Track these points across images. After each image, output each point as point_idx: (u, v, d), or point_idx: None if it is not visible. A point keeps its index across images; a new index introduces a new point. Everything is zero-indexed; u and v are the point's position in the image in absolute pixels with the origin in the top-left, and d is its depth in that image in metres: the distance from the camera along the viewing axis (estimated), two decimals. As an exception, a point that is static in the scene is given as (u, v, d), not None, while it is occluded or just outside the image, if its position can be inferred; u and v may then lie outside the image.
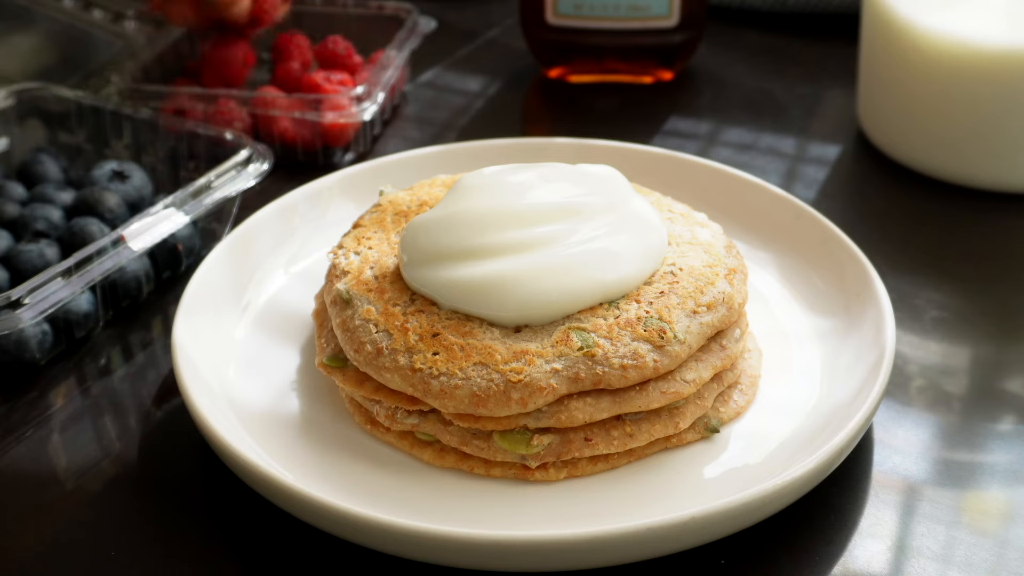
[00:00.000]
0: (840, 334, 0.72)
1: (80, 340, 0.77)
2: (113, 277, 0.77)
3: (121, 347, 0.77)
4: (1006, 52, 0.85)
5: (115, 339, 0.78)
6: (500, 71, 1.10)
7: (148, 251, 0.78)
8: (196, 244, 0.83)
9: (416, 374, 0.63)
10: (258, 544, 0.63)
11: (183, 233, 0.81)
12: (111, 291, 0.78)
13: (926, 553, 0.62)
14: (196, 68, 1.01)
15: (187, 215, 0.78)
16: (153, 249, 0.79)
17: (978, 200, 0.90)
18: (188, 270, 0.82)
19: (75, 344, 0.77)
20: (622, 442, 0.64)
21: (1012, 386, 0.74)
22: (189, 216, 0.78)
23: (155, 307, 0.80)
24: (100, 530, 0.64)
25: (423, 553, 0.59)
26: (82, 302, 0.75)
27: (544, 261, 0.64)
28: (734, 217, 0.81)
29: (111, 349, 0.77)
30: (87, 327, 0.76)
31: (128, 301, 0.79)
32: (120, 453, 0.69)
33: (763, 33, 1.15)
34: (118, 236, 0.75)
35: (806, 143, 0.99)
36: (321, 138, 0.94)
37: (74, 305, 0.75)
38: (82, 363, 0.76)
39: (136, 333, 0.78)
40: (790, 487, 0.60)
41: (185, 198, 0.79)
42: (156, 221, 0.77)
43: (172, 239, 0.80)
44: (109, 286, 0.77)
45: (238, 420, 0.67)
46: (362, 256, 0.70)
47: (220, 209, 0.83)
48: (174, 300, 0.73)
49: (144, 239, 0.76)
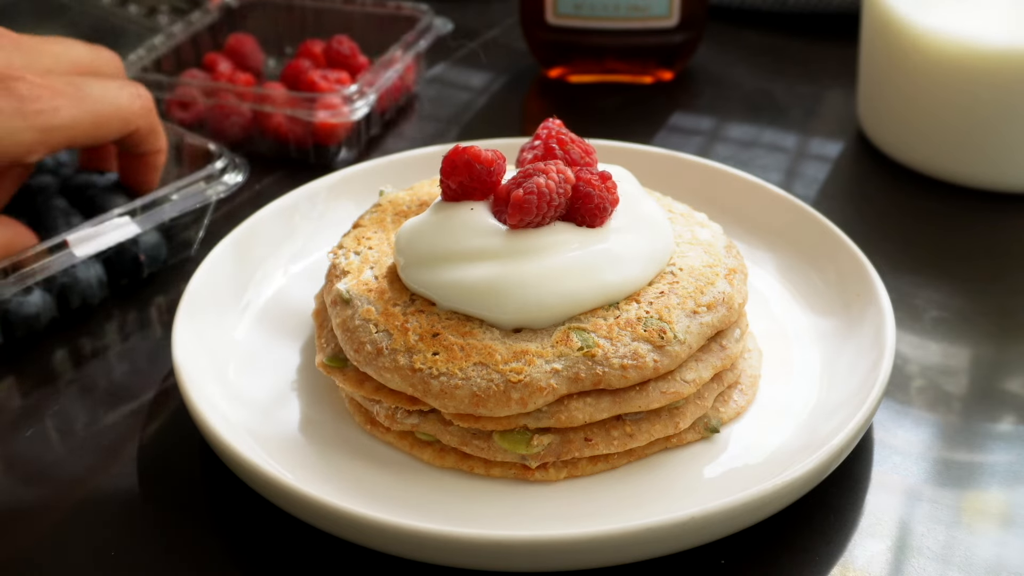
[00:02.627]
0: (840, 334, 0.72)
1: (80, 340, 0.77)
2: (63, 281, 0.77)
3: (121, 347, 0.77)
4: (1006, 52, 0.85)
5: (115, 338, 0.78)
6: (500, 71, 1.10)
7: (103, 257, 0.78)
8: (162, 253, 0.82)
9: (416, 374, 0.63)
10: (258, 544, 0.63)
11: (148, 241, 0.81)
12: (60, 295, 0.77)
13: (926, 553, 0.62)
14: (213, 61, 1.01)
15: (139, 226, 0.77)
16: (110, 256, 0.78)
17: (978, 200, 0.90)
18: (156, 277, 0.82)
19: (75, 344, 0.77)
20: (622, 442, 0.64)
21: (1012, 386, 0.74)
22: (141, 227, 0.77)
23: (155, 307, 0.80)
24: (100, 530, 0.64)
25: (423, 553, 0.59)
26: (32, 303, 0.75)
27: (545, 263, 0.64)
28: (734, 217, 0.81)
29: (111, 349, 0.77)
30: (36, 327, 0.76)
31: (79, 303, 0.78)
32: (120, 453, 0.69)
33: (763, 33, 1.15)
34: (62, 240, 0.74)
35: (806, 143, 0.99)
36: (312, 136, 0.95)
37: (24, 305, 0.75)
38: (82, 362, 0.76)
39: (136, 333, 0.78)
40: (790, 487, 0.60)
41: (145, 206, 0.78)
42: (105, 229, 0.76)
43: (135, 248, 0.80)
44: (58, 289, 0.77)
45: (238, 420, 0.67)
46: (362, 256, 0.70)
47: (190, 218, 0.82)
48: (175, 300, 0.73)
49: (88, 246, 0.75)
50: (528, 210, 0.64)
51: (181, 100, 0.96)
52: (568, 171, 0.65)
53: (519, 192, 0.63)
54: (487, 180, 0.66)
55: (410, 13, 1.04)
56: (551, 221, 0.65)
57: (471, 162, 0.65)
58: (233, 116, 0.95)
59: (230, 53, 1.03)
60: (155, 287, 0.82)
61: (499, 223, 0.65)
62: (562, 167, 0.65)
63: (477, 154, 0.66)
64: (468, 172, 0.66)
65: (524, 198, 0.64)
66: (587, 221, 0.66)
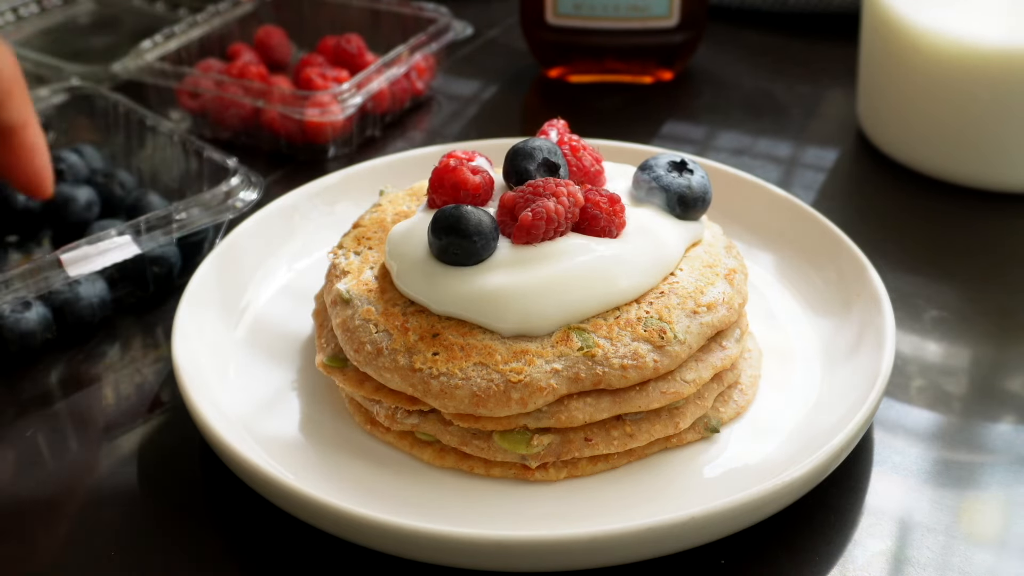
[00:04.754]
0: (840, 334, 0.72)
1: (81, 339, 0.77)
2: (66, 296, 0.75)
3: (121, 346, 0.77)
4: (1006, 52, 0.85)
5: (116, 338, 0.78)
6: (500, 71, 1.10)
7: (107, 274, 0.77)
8: (176, 263, 0.80)
9: (416, 374, 0.63)
10: (258, 544, 0.63)
11: (167, 256, 0.79)
12: (59, 311, 0.76)
13: (926, 553, 0.62)
14: (237, 52, 1.02)
15: (142, 246, 0.76)
16: (116, 272, 0.77)
17: (978, 200, 0.90)
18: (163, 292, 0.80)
19: (76, 342, 0.77)
20: (622, 442, 0.64)
21: (1012, 386, 0.74)
22: (143, 247, 0.76)
23: (156, 307, 0.80)
24: (100, 530, 0.64)
25: (423, 553, 0.59)
26: (31, 319, 0.74)
27: (547, 273, 0.63)
28: (734, 217, 0.81)
29: (111, 348, 0.77)
30: (33, 343, 0.75)
31: (74, 320, 0.76)
32: (120, 453, 0.69)
33: (763, 33, 1.15)
34: (56, 259, 0.73)
35: (806, 144, 0.99)
36: (303, 133, 0.95)
37: (22, 321, 0.74)
38: (82, 361, 0.76)
39: (136, 332, 0.78)
40: (790, 487, 0.60)
41: (151, 227, 0.76)
42: (103, 248, 0.74)
43: (143, 262, 0.78)
44: (59, 305, 0.75)
45: (238, 420, 0.67)
46: (362, 256, 0.70)
47: (201, 236, 0.81)
48: (175, 300, 0.73)
49: (83, 266, 0.74)
50: (535, 235, 0.64)
51: (190, 90, 0.96)
52: (579, 193, 0.65)
53: (528, 215, 0.63)
54: (472, 204, 0.65)
55: (430, 15, 1.04)
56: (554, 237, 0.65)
57: (458, 186, 0.66)
58: (233, 108, 0.96)
59: (258, 45, 1.04)
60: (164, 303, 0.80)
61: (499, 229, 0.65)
62: (573, 189, 0.65)
63: (465, 180, 0.65)
64: (454, 196, 0.66)
65: (533, 223, 0.63)
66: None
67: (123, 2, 1.15)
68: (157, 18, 1.12)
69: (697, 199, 0.69)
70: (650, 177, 0.69)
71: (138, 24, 1.12)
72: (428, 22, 1.03)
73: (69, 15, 1.14)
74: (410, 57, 0.99)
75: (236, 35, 1.05)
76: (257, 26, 1.06)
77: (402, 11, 1.06)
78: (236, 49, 1.03)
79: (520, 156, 0.67)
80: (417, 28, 1.03)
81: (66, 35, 1.11)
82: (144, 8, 1.14)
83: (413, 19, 1.05)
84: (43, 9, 1.12)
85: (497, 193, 0.67)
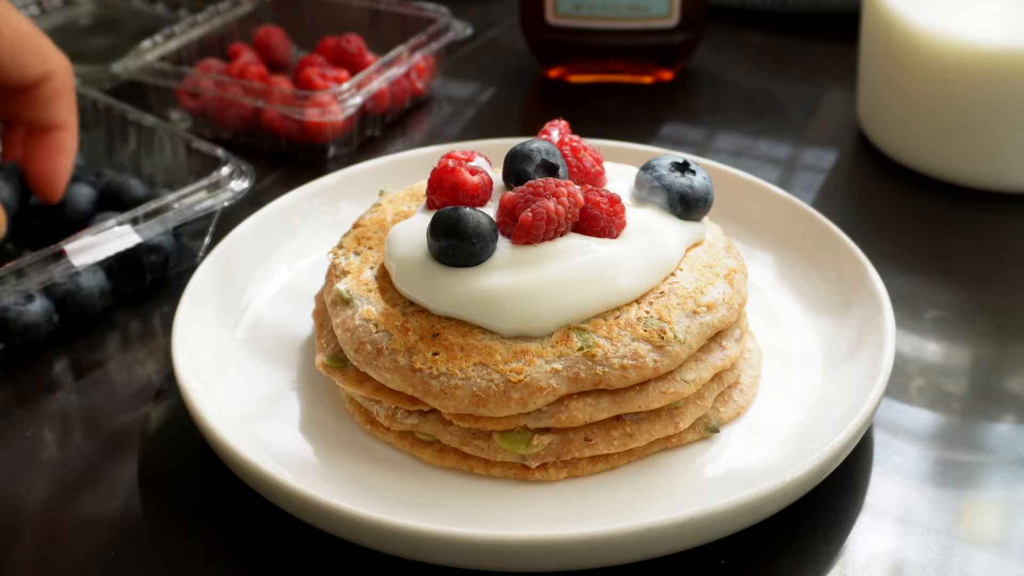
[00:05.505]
0: (840, 334, 0.72)
1: (82, 329, 0.77)
2: (67, 287, 0.76)
3: (121, 346, 0.77)
4: (1006, 52, 0.85)
5: (115, 338, 0.78)
6: (500, 71, 1.10)
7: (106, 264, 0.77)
8: (172, 259, 0.81)
9: (416, 374, 0.63)
10: (258, 544, 0.63)
11: (163, 245, 0.80)
12: (60, 302, 0.76)
13: (926, 553, 0.62)
14: (237, 52, 1.02)
15: (141, 235, 0.76)
16: (114, 263, 0.78)
17: (978, 200, 0.90)
18: (160, 284, 0.81)
19: (77, 333, 0.77)
20: (622, 442, 0.64)
21: (1012, 386, 0.74)
22: (143, 236, 0.76)
23: (156, 307, 0.80)
24: (100, 530, 0.64)
25: (423, 553, 0.59)
26: (34, 311, 0.74)
27: (546, 273, 0.63)
28: (734, 217, 0.81)
29: (111, 348, 0.77)
30: (37, 335, 0.75)
31: (76, 310, 0.77)
32: (120, 453, 0.69)
33: (763, 33, 1.15)
34: (59, 249, 0.74)
35: (806, 144, 0.99)
36: (303, 133, 0.95)
37: (25, 314, 0.74)
38: (82, 361, 0.76)
39: (136, 332, 0.78)
40: (790, 487, 0.60)
41: (148, 214, 0.77)
42: (105, 238, 0.75)
43: (139, 252, 0.78)
44: (60, 296, 0.76)
45: (238, 420, 0.67)
46: (362, 256, 0.70)
47: (196, 226, 0.81)
48: (170, 289, 0.73)
49: (87, 255, 0.74)
50: (535, 235, 0.64)
51: (190, 90, 0.96)
52: (579, 194, 0.65)
53: (528, 215, 0.63)
54: (470, 205, 0.65)
55: (430, 15, 1.04)
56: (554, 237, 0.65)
57: (456, 187, 0.66)
58: (233, 108, 0.96)
59: (258, 45, 1.04)
60: (159, 293, 0.81)
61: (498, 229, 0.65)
62: (573, 189, 0.65)
63: (463, 180, 0.65)
64: (452, 196, 0.66)
65: (533, 223, 0.63)
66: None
67: (123, 3, 1.15)
68: (157, 18, 1.12)
69: (699, 199, 0.69)
70: (652, 176, 0.69)
71: (138, 24, 1.12)
72: (428, 22, 1.03)
73: (69, 16, 1.14)
74: (410, 57, 0.99)
75: (236, 35, 1.05)
76: (257, 26, 1.06)
77: (402, 11, 1.06)
78: (236, 49, 1.03)
79: (519, 158, 0.67)
80: (417, 28, 1.03)
81: (66, 36, 1.11)
82: (144, 9, 1.14)
83: (413, 19, 1.05)
84: (43, 10, 1.13)
85: (496, 193, 0.67)
